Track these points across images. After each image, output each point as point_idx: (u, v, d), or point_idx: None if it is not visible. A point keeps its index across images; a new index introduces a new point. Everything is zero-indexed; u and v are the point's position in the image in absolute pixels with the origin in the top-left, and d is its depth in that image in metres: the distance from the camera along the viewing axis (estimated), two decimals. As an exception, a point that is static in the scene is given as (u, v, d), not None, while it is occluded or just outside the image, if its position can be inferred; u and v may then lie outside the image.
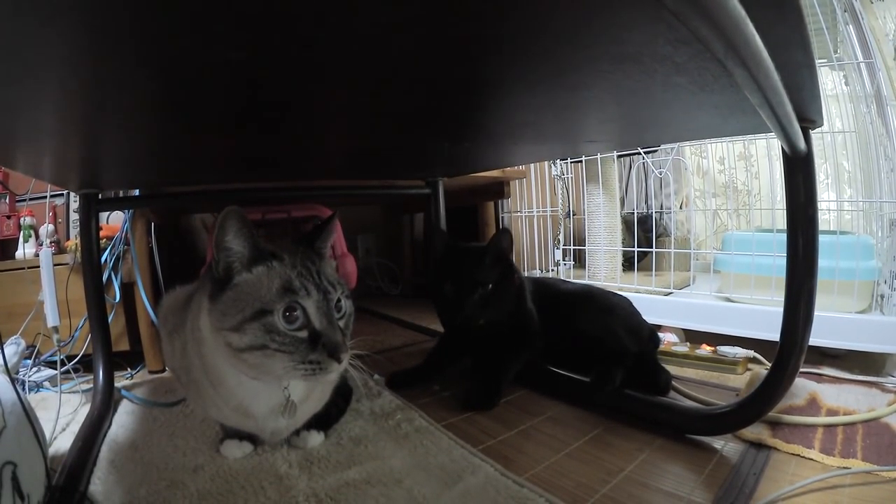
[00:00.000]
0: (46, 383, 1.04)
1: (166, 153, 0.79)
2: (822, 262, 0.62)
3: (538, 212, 1.79)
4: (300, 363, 0.53)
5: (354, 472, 0.64)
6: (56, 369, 0.97)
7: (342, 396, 0.80)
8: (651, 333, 1.00)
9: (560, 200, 1.80)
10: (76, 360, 1.07)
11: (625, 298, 1.05)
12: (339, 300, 0.58)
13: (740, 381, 0.96)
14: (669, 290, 1.33)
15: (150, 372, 1.16)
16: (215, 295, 0.56)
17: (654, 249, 1.57)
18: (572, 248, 1.71)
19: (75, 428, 0.79)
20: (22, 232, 1.28)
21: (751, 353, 1.05)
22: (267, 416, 0.64)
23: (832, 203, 1.31)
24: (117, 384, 0.98)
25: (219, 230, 0.54)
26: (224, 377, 0.61)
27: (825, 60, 1.22)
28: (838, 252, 1.04)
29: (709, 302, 1.20)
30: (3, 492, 0.45)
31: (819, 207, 0.61)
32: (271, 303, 0.53)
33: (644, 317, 1.02)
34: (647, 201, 1.84)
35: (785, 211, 0.64)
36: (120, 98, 0.46)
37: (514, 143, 0.92)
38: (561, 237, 1.74)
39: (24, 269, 1.12)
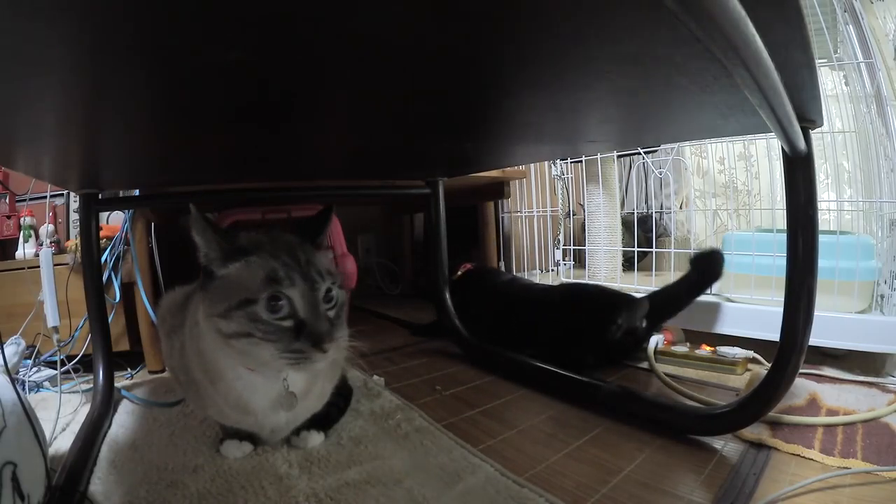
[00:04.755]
0: (46, 383, 1.03)
1: (166, 153, 0.79)
2: (822, 262, 0.62)
3: (538, 212, 1.79)
4: (284, 352, 0.54)
5: (354, 472, 0.64)
6: (56, 369, 0.97)
7: (342, 396, 0.80)
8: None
9: (560, 200, 1.81)
10: (76, 360, 1.07)
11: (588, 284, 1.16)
12: (329, 290, 0.58)
13: (740, 382, 0.96)
14: (669, 290, 1.33)
15: (150, 372, 1.16)
16: (206, 284, 0.58)
17: (654, 249, 1.57)
18: (572, 248, 1.71)
19: (75, 428, 0.79)
20: (22, 232, 1.28)
21: (751, 353, 1.05)
22: (266, 410, 0.64)
23: (832, 203, 1.31)
24: (117, 384, 0.98)
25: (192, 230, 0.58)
26: (223, 371, 0.61)
27: (825, 60, 1.22)
28: (838, 252, 1.04)
29: (709, 302, 1.20)
30: (3, 492, 0.45)
31: (819, 207, 0.61)
32: (255, 292, 0.54)
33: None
34: (647, 201, 1.84)
35: (785, 211, 0.64)
36: (120, 98, 0.46)
37: (515, 143, 0.92)
38: (561, 237, 1.74)
39: (24, 269, 1.12)
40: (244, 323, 0.54)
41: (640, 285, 1.38)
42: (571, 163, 1.75)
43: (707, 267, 1.05)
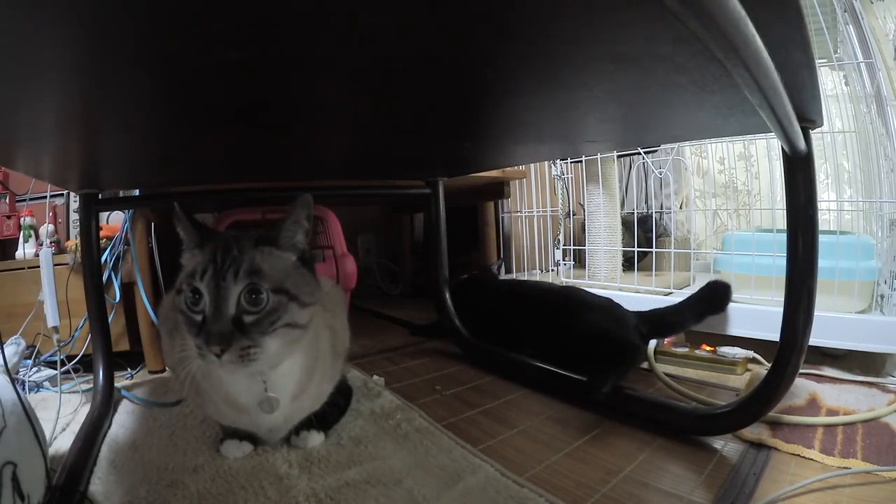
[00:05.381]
0: (46, 383, 1.03)
1: (166, 153, 0.79)
2: (822, 262, 0.62)
3: (538, 212, 1.79)
4: (194, 345, 0.56)
5: (354, 472, 0.64)
6: (56, 369, 0.97)
7: (342, 396, 0.80)
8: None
9: (560, 200, 1.80)
10: (76, 360, 1.07)
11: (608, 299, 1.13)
12: (253, 293, 0.55)
13: (740, 382, 0.96)
14: (669, 291, 1.33)
15: (150, 372, 1.16)
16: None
17: (654, 249, 1.57)
18: (572, 248, 1.71)
19: (75, 428, 0.79)
20: (22, 232, 1.28)
21: (751, 353, 1.05)
22: (257, 408, 0.64)
23: (832, 203, 1.31)
24: (117, 384, 0.98)
25: None
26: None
27: (825, 60, 1.22)
28: (838, 252, 1.04)
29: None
30: (3, 492, 0.45)
31: (819, 207, 0.61)
32: (181, 282, 0.58)
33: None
34: (647, 201, 1.84)
35: (785, 211, 0.64)
36: (120, 98, 0.46)
37: (515, 143, 0.92)
38: (561, 237, 1.74)
39: (24, 269, 1.12)
40: (179, 310, 0.58)
41: (640, 285, 1.38)
42: (571, 163, 1.75)
43: (716, 297, 1.05)
